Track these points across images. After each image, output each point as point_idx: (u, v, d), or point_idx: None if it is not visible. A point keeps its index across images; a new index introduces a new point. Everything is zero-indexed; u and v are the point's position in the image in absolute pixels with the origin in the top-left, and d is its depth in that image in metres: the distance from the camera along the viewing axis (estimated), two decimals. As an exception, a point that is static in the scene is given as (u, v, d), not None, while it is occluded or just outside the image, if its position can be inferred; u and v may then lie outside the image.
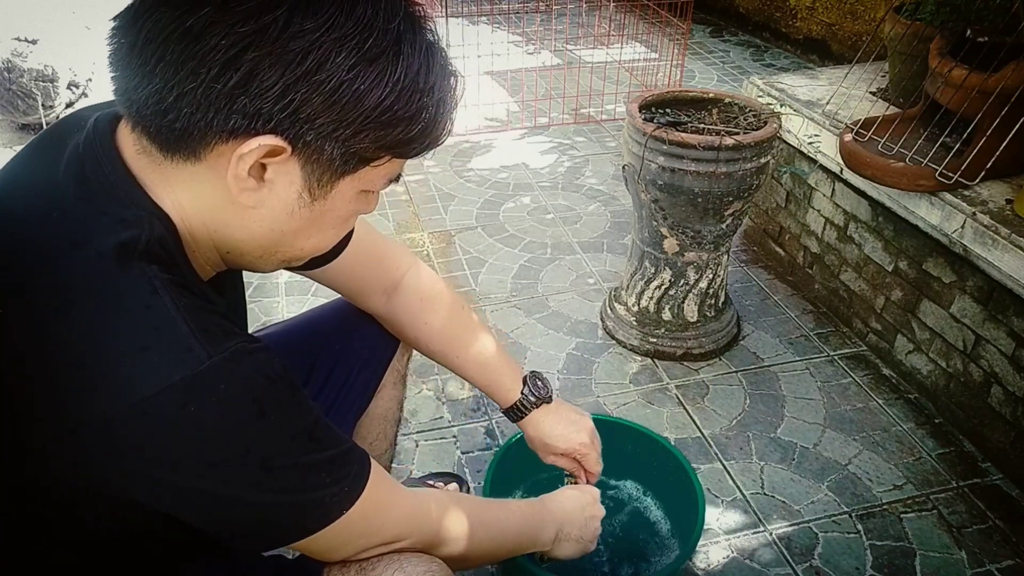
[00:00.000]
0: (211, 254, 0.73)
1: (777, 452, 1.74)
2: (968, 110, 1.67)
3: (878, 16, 3.65)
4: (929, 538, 1.54)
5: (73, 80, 3.12)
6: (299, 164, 0.65)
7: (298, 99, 0.61)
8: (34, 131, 3.11)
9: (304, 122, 0.62)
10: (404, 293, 1.12)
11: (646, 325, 2.04)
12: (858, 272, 2.09)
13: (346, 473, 0.73)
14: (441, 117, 0.69)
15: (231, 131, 0.62)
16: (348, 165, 0.67)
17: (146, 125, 0.64)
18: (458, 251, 2.50)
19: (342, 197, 0.70)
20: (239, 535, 0.71)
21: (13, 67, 2.95)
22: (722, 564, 1.49)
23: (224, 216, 0.68)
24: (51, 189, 0.66)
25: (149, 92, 0.61)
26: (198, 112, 0.61)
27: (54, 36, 3.06)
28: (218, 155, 0.64)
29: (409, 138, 0.67)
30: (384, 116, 0.64)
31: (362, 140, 0.65)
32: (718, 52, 4.48)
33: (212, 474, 0.64)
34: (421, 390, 1.91)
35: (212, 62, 0.59)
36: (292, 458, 0.68)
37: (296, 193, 0.67)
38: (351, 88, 0.62)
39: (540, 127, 3.41)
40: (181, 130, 0.62)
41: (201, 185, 0.66)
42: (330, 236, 0.75)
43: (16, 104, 3.02)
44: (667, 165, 1.74)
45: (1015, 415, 1.65)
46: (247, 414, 0.64)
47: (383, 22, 0.63)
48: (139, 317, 0.61)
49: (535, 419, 1.18)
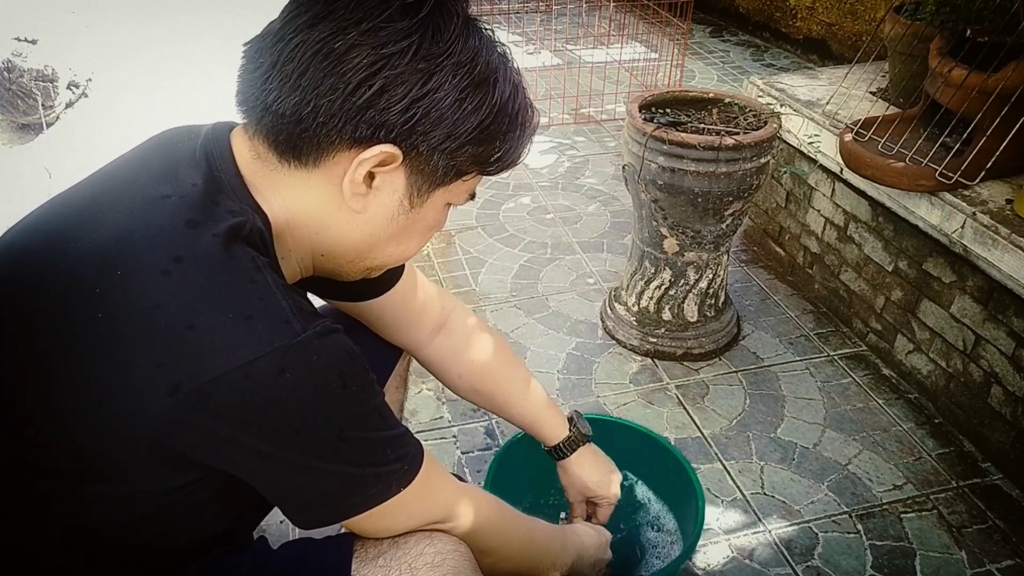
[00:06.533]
0: (306, 256, 0.80)
1: (777, 452, 1.74)
2: (968, 110, 1.67)
3: (878, 16, 3.65)
4: (929, 538, 1.54)
5: (73, 80, 3.12)
6: (405, 173, 0.74)
7: (419, 113, 0.70)
8: (34, 131, 3.11)
9: (419, 134, 0.71)
10: (451, 332, 1.18)
11: (646, 325, 2.04)
12: (858, 272, 2.09)
13: (406, 453, 0.78)
14: (523, 140, 0.80)
15: (356, 139, 0.70)
16: (447, 177, 0.76)
17: (275, 134, 0.71)
18: (458, 251, 2.50)
19: (433, 207, 0.79)
20: (304, 505, 0.75)
21: (13, 67, 2.94)
22: (722, 564, 1.49)
23: (329, 219, 0.76)
24: (169, 180, 0.72)
25: (288, 104, 0.69)
26: (331, 122, 0.69)
27: (54, 36, 3.06)
28: (336, 162, 0.72)
29: (497, 156, 0.77)
30: (483, 133, 0.74)
31: (462, 154, 0.74)
32: (718, 52, 4.48)
33: (295, 440, 0.68)
34: (421, 390, 1.91)
35: (352, 79, 0.68)
36: (365, 431, 0.73)
37: (398, 200, 0.76)
38: (461, 107, 0.71)
39: (540, 127, 3.41)
40: (311, 138, 0.70)
41: (312, 190, 0.74)
42: (415, 245, 0.83)
43: (16, 104, 3.02)
44: (667, 165, 1.74)
45: (1015, 415, 1.65)
46: (334, 385, 0.69)
47: (486, 54, 0.73)
48: (246, 288, 0.67)
49: (579, 459, 1.26)
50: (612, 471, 1.29)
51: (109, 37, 3.40)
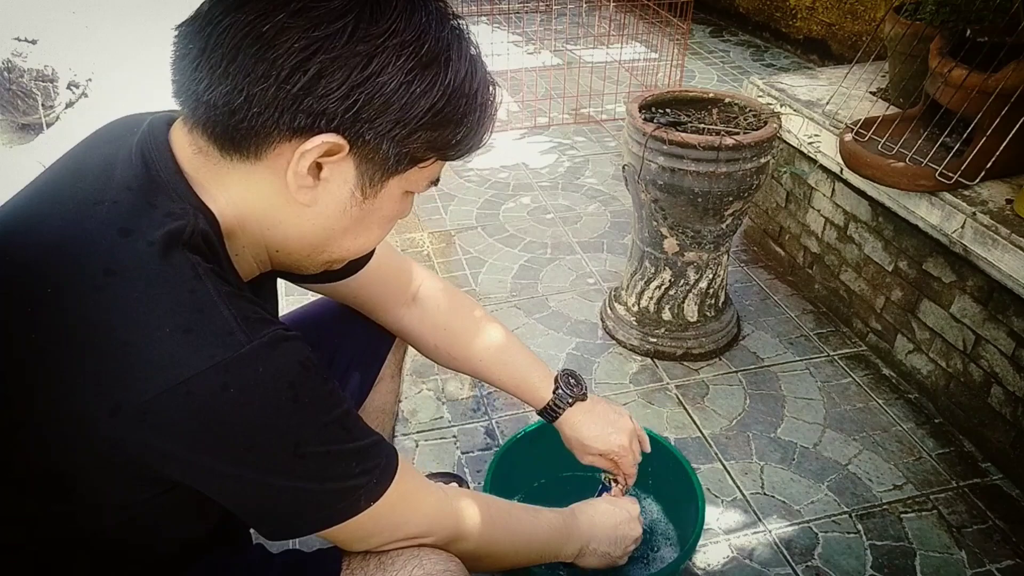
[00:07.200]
0: (260, 252, 0.76)
1: (777, 452, 1.74)
2: (968, 110, 1.67)
3: (878, 16, 3.65)
4: (929, 538, 1.54)
5: (73, 80, 3.12)
6: (354, 163, 0.69)
7: (361, 100, 0.64)
8: (34, 131, 3.11)
9: (364, 122, 0.66)
10: (423, 303, 1.14)
11: (646, 325, 2.04)
12: (858, 272, 2.09)
13: (375, 465, 0.75)
14: (484, 121, 0.74)
15: (296, 130, 0.65)
16: (400, 165, 0.70)
17: (211, 126, 0.66)
18: (458, 251, 2.50)
19: (390, 197, 0.74)
20: (269, 520, 0.72)
21: (13, 67, 2.95)
22: (722, 564, 1.49)
23: (279, 214, 0.71)
24: (103, 183, 0.68)
25: (219, 94, 0.64)
26: (267, 112, 0.64)
27: (54, 36, 3.07)
28: (278, 154, 0.67)
29: (456, 140, 0.72)
30: (436, 118, 0.68)
31: (415, 140, 0.69)
32: (718, 52, 4.48)
33: (247, 457, 0.65)
34: (421, 390, 1.91)
35: (284, 65, 0.62)
36: (324, 445, 0.69)
37: (349, 192, 0.71)
38: (408, 90, 0.66)
39: (540, 127, 3.41)
40: (247, 129, 0.65)
41: (258, 184, 0.69)
42: (374, 236, 0.78)
43: (16, 104, 3.02)
44: (667, 165, 1.74)
45: (1015, 415, 1.65)
46: (285, 398, 0.65)
47: (435, 30, 0.67)
48: (184, 300, 0.63)
49: (571, 419, 1.17)
50: (613, 422, 1.19)
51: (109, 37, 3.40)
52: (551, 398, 1.16)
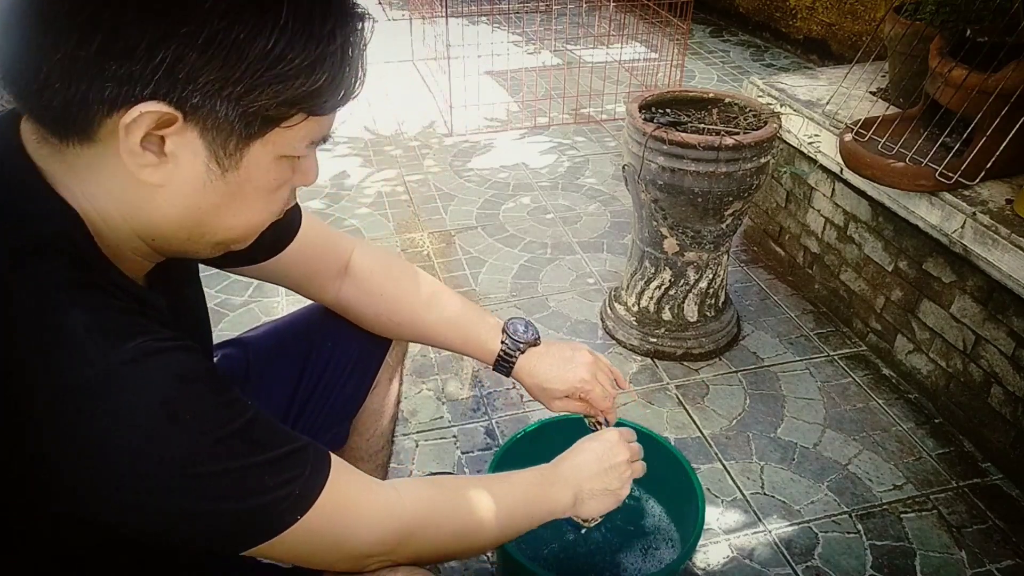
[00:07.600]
0: (136, 244, 0.67)
1: (777, 452, 1.74)
2: (968, 110, 1.67)
3: (878, 16, 3.65)
4: (929, 538, 1.54)
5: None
6: (197, 132, 0.60)
7: (170, 56, 0.55)
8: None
9: (185, 83, 0.56)
10: (355, 272, 1.06)
11: (646, 325, 2.04)
12: (858, 272, 2.09)
13: (296, 475, 0.68)
14: (349, 65, 0.63)
15: (108, 102, 0.56)
16: (252, 128, 0.61)
17: (36, 111, 0.59)
18: (458, 251, 2.50)
19: (257, 165, 0.64)
20: (188, 543, 0.67)
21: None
22: (722, 564, 1.49)
23: (134, 199, 0.63)
24: None
25: (20, 71, 0.57)
26: (70, 86, 0.56)
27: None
28: (108, 132, 0.58)
29: (315, 90, 0.61)
30: (277, 67, 0.58)
31: (258, 97, 0.59)
32: (718, 52, 4.48)
33: (136, 486, 0.59)
34: (421, 390, 1.91)
35: (71, 27, 0.54)
36: (220, 463, 0.62)
37: (203, 165, 0.62)
38: (228, 37, 0.56)
39: (540, 127, 3.41)
40: (60, 108, 0.57)
41: (103, 169, 0.61)
42: (259, 211, 0.68)
43: (16, 104, 3.01)
44: (667, 165, 1.74)
45: (1015, 415, 1.65)
46: (158, 417, 0.59)
47: None
48: (31, 320, 0.57)
49: (526, 366, 1.09)
50: (569, 359, 1.10)
51: None
52: (500, 348, 1.08)
